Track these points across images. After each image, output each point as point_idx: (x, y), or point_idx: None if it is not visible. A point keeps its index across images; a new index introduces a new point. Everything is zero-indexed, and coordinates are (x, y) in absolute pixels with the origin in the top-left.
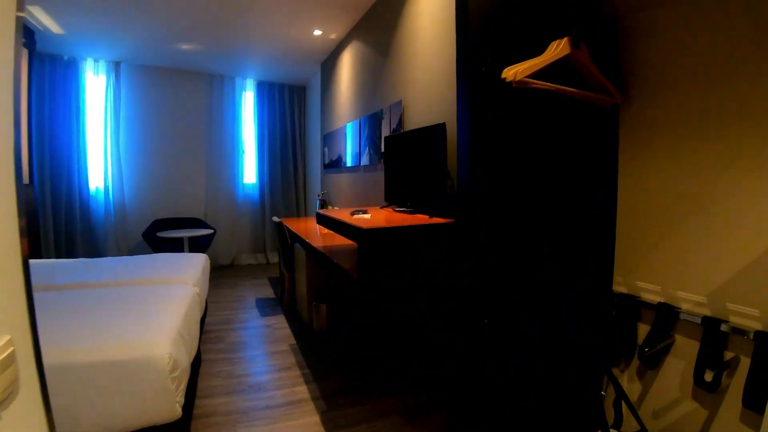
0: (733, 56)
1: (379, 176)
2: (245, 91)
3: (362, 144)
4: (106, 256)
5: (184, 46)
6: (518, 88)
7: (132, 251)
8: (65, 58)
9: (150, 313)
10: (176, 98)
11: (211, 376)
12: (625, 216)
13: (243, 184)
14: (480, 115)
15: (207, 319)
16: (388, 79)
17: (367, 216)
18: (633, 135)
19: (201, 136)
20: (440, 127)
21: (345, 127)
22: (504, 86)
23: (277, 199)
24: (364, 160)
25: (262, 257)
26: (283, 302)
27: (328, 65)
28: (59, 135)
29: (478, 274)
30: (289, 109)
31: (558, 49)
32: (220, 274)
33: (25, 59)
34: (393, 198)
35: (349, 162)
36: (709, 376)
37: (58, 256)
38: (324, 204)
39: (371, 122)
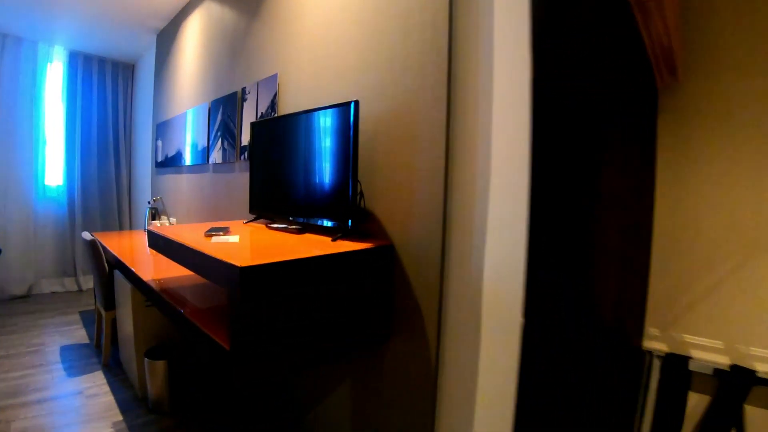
0: None
1: (239, 178)
2: (51, 62)
3: (212, 135)
4: None
5: None
6: None
7: None
8: None
9: None
10: None
11: None
12: (663, 249)
13: (44, 186)
14: None
15: None
16: (257, 48)
17: (232, 239)
18: (677, 131)
19: None
20: (348, 109)
21: (187, 113)
22: None
23: (92, 207)
24: (215, 157)
25: (71, 283)
26: (100, 351)
27: (167, 36)
28: None
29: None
30: (112, 91)
31: None
32: (10, 309)
33: None
34: (263, 208)
35: (190, 159)
36: None
37: None
38: (155, 215)
39: (227, 106)
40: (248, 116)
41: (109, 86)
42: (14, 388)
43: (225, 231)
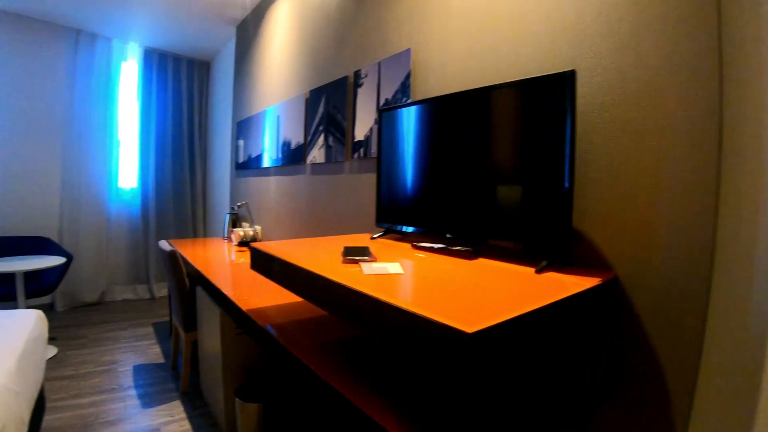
0: None
1: (350, 181)
2: (125, 59)
3: (311, 131)
4: None
5: None
6: None
7: None
8: None
9: None
10: (18, 59)
11: None
12: None
13: (117, 189)
14: None
15: (44, 421)
16: (378, 21)
17: (392, 269)
18: None
19: (55, 119)
20: (559, 83)
21: (274, 108)
22: None
23: (166, 211)
24: (315, 156)
25: (143, 290)
26: (178, 374)
27: (249, 26)
28: None
29: None
30: (187, 90)
31: None
32: (80, 318)
33: None
34: (402, 220)
35: (280, 159)
36: None
37: None
38: (236, 222)
39: (332, 94)
40: (365, 105)
41: (184, 85)
42: (83, 419)
43: (368, 255)
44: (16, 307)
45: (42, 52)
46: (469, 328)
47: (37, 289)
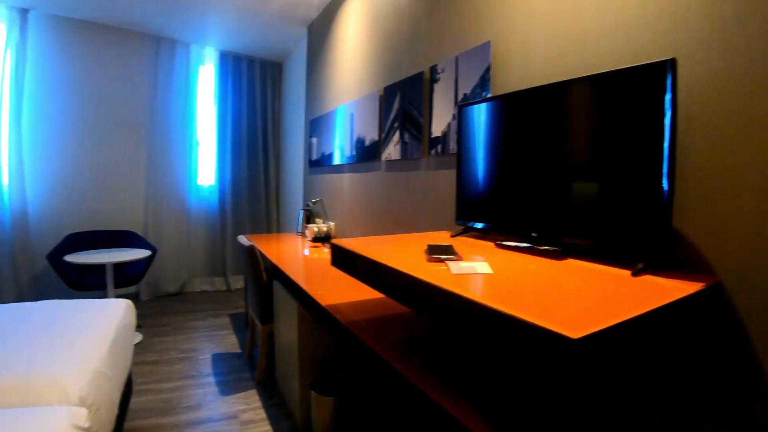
0: None
1: (427, 177)
2: (203, 64)
3: (386, 128)
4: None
5: None
6: None
7: (37, 279)
8: None
9: None
10: (108, 66)
11: None
12: None
13: (197, 186)
14: None
15: (131, 403)
16: (453, 15)
17: (481, 268)
18: None
19: (140, 121)
20: (659, 72)
21: (347, 106)
22: None
23: (242, 207)
24: (390, 153)
25: (221, 282)
26: (253, 364)
27: (320, 25)
28: None
29: None
30: (261, 90)
31: None
32: (163, 307)
33: None
34: (483, 218)
35: (354, 157)
36: None
37: None
38: (309, 218)
39: (407, 91)
40: (442, 100)
41: (258, 85)
42: (166, 403)
43: (454, 253)
44: (105, 296)
45: (127, 59)
46: (575, 334)
47: (124, 279)
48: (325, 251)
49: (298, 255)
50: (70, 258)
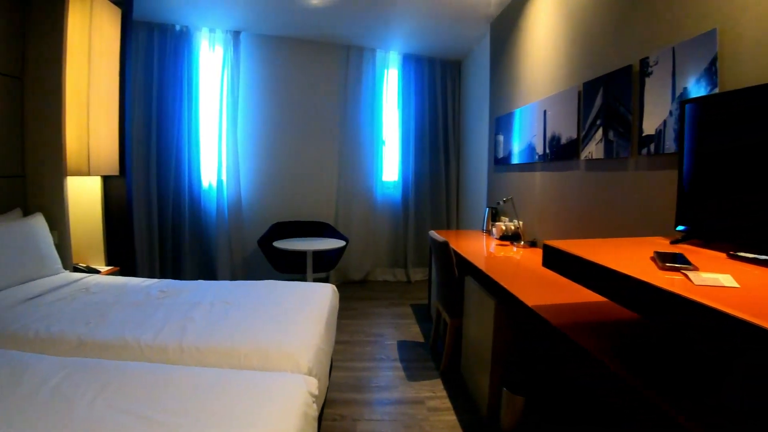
0: None
1: (636, 178)
2: (388, 68)
3: (585, 125)
4: (217, 264)
5: (315, 1)
6: None
7: (246, 261)
8: (177, 28)
9: None
10: (305, 76)
11: None
12: None
13: (382, 182)
14: None
15: (332, 377)
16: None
17: (725, 281)
18: None
19: (333, 123)
20: None
21: (540, 103)
22: None
23: (423, 202)
24: (591, 152)
25: (401, 273)
26: (437, 354)
27: (504, 21)
28: (167, 118)
29: None
30: (441, 89)
31: None
32: (349, 293)
33: (117, 21)
34: (708, 224)
35: (547, 155)
36: None
37: (162, 262)
38: (495, 216)
39: (612, 86)
40: (656, 95)
41: (438, 85)
42: (358, 381)
43: (689, 263)
44: (304, 279)
45: (321, 68)
46: None
47: (319, 265)
48: (514, 250)
49: (487, 252)
50: (278, 244)
